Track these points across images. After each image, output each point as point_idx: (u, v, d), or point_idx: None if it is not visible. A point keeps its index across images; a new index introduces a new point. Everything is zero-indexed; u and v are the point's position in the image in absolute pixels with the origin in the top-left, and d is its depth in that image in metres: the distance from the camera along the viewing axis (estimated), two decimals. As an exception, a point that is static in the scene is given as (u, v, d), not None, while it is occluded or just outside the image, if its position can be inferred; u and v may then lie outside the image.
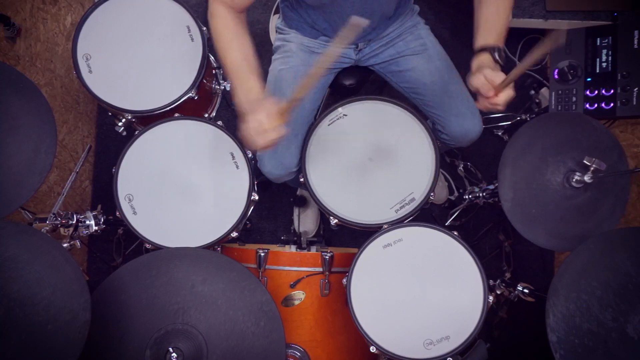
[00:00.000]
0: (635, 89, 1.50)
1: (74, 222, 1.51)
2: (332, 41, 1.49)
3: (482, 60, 1.20)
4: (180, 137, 1.52)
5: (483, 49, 1.21)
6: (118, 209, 1.48)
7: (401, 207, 1.47)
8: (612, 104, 1.51)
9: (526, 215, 1.34)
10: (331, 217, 1.48)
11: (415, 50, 1.53)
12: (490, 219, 2.05)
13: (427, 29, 1.58)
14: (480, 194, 1.77)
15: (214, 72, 1.78)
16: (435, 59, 1.52)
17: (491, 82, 1.14)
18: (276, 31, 1.62)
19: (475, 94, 1.23)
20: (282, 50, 1.56)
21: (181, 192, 1.50)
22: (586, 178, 1.30)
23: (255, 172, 1.54)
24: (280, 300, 1.46)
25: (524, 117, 1.96)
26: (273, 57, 1.61)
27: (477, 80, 1.17)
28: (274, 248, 1.62)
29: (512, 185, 1.34)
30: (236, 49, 1.25)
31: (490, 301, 1.34)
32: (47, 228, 1.45)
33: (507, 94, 1.15)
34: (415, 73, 1.53)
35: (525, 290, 1.50)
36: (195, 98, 1.56)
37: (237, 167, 1.51)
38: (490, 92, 1.14)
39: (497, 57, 1.19)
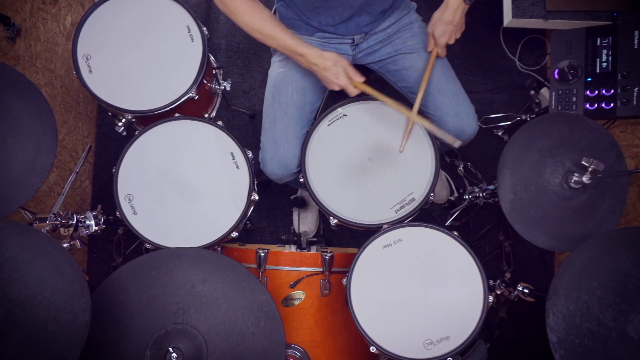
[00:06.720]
0: (635, 89, 1.50)
1: (74, 222, 1.51)
2: (329, 37, 1.51)
3: (450, 3, 1.38)
4: (180, 137, 1.52)
5: None
6: (118, 209, 1.48)
7: (401, 207, 1.47)
8: (612, 104, 1.51)
9: (525, 216, 1.34)
10: (331, 217, 1.48)
11: (412, 48, 1.53)
12: (490, 219, 2.05)
13: (424, 26, 1.58)
14: (480, 194, 1.77)
15: (214, 72, 1.78)
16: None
17: (439, 41, 1.43)
18: None
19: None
20: (280, 52, 1.56)
21: (181, 192, 1.50)
22: (584, 179, 1.30)
23: (256, 172, 1.54)
24: (280, 300, 1.46)
25: (524, 117, 1.96)
26: (272, 60, 1.61)
27: (439, 31, 1.43)
28: (274, 248, 1.62)
29: (511, 186, 1.34)
30: (269, 18, 1.40)
31: (490, 301, 1.34)
32: (47, 228, 1.45)
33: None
34: (411, 72, 1.53)
35: (525, 291, 1.50)
36: (195, 98, 1.56)
37: (237, 167, 1.51)
38: (444, 39, 1.43)
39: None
